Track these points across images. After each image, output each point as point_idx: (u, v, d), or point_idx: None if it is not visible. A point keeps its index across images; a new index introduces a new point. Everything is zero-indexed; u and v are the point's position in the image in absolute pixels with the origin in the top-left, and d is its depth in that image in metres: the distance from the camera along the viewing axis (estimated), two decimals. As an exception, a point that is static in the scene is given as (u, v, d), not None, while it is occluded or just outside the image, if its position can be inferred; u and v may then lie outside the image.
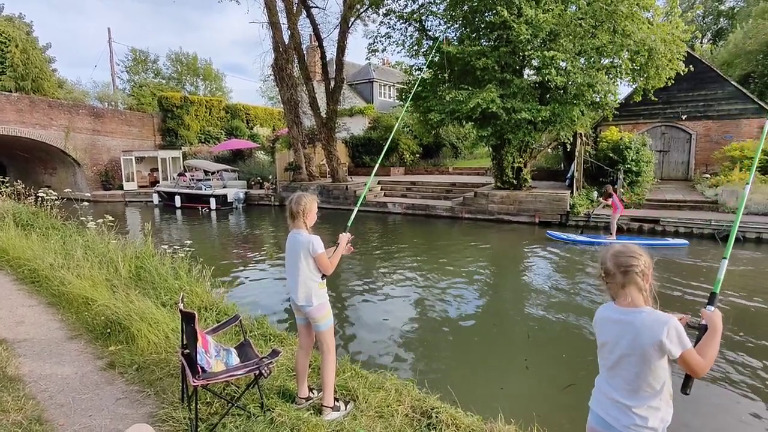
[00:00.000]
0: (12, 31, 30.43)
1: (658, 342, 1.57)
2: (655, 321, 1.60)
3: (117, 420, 2.89)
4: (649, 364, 1.60)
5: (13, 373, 3.49)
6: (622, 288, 1.69)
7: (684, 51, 12.84)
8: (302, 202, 2.87)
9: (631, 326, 1.64)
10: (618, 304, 1.72)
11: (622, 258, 1.67)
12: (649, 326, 1.60)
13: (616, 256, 1.69)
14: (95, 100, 35.32)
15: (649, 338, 1.59)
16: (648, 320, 1.61)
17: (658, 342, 1.57)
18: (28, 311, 4.95)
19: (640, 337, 1.61)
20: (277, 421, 2.69)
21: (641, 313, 1.64)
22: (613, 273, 1.69)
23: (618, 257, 1.68)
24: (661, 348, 1.57)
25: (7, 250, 7.06)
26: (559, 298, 6.94)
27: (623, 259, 1.67)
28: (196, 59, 42.20)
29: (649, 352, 1.59)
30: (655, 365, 1.60)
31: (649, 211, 12.56)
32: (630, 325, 1.64)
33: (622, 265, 1.66)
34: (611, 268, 1.69)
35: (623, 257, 1.67)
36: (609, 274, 1.71)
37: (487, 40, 13.28)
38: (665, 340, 1.56)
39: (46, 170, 26.08)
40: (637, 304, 1.66)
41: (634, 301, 1.67)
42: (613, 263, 1.69)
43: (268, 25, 17.82)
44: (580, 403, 4.03)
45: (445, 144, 25.98)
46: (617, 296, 1.72)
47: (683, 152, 17.32)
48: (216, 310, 4.67)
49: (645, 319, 1.62)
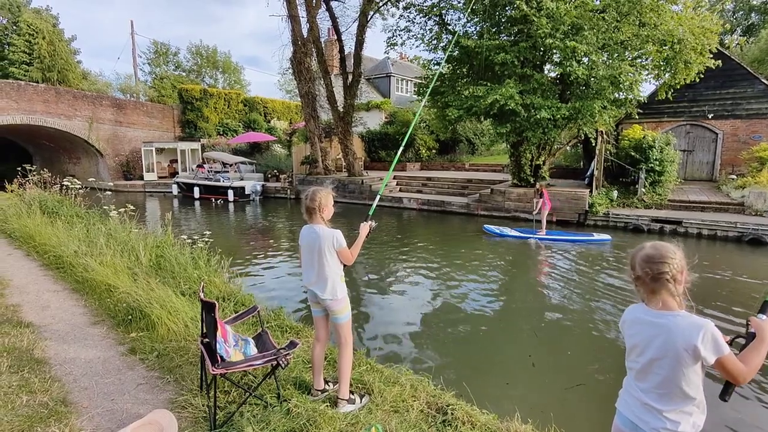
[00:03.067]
0: (39, 24, 31.25)
1: (692, 347, 1.51)
2: (690, 325, 1.53)
3: (138, 405, 2.96)
4: (682, 369, 1.55)
5: (40, 355, 3.60)
6: (653, 293, 1.62)
7: (715, 43, 12.43)
8: (317, 197, 2.86)
9: (664, 329, 1.58)
10: (649, 306, 1.65)
11: (652, 264, 1.59)
12: (683, 330, 1.53)
13: (646, 262, 1.61)
14: (118, 92, 36.08)
15: (683, 342, 1.53)
16: (683, 324, 1.55)
17: (692, 347, 1.51)
18: (53, 296, 5.10)
19: (673, 340, 1.55)
20: (293, 411, 2.71)
21: (676, 317, 1.57)
22: (642, 278, 1.62)
23: (648, 263, 1.60)
24: (695, 353, 1.51)
25: (33, 236, 7.28)
26: (572, 297, 6.84)
27: (653, 266, 1.59)
28: (215, 52, 42.68)
29: (683, 357, 1.53)
30: (687, 370, 1.54)
31: (671, 212, 12.26)
32: (663, 328, 1.58)
33: (652, 272, 1.59)
34: (640, 274, 1.62)
35: (653, 263, 1.59)
36: (639, 279, 1.64)
37: (508, 34, 13.07)
38: (700, 345, 1.49)
39: (71, 159, 26.79)
40: (670, 308, 1.60)
41: (666, 305, 1.60)
42: (642, 270, 1.61)
43: (287, 18, 17.89)
44: (593, 403, 4.02)
45: (462, 140, 25.79)
46: (648, 300, 1.66)
47: (708, 152, 16.83)
48: (234, 300, 4.74)
49: (680, 322, 1.55)
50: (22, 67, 30.75)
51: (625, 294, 6.79)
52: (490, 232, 11.52)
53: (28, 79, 28.02)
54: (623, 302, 6.43)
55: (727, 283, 7.44)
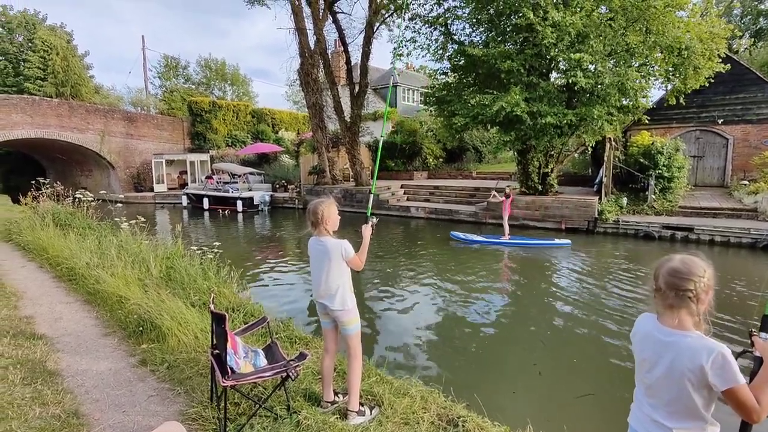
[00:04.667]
0: (54, 40, 32.02)
1: (698, 367, 1.41)
2: (701, 346, 1.44)
3: (149, 416, 2.97)
4: (689, 391, 1.46)
5: (53, 367, 3.64)
6: (670, 308, 1.52)
7: (723, 48, 12.36)
8: (319, 210, 2.87)
9: (673, 348, 1.50)
10: (662, 322, 1.56)
11: (677, 279, 1.49)
12: (692, 350, 1.44)
13: (671, 275, 1.50)
14: (129, 105, 36.72)
15: (689, 363, 1.43)
16: (693, 345, 1.45)
17: (698, 367, 1.41)
18: (65, 308, 5.16)
19: (680, 361, 1.46)
20: (303, 424, 2.70)
21: (687, 337, 1.48)
22: (664, 291, 1.51)
23: (673, 277, 1.50)
24: (702, 376, 1.41)
25: (47, 248, 7.39)
26: (580, 306, 6.75)
27: (678, 281, 1.48)
28: (224, 65, 43.35)
29: (689, 379, 1.44)
30: (695, 394, 1.45)
31: (682, 218, 12.11)
32: (672, 347, 1.50)
33: (676, 287, 1.48)
34: (663, 287, 1.52)
35: (678, 278, 1.48)
36: (660, 291, 1.53)
37: (513, 43, 13.12)
38: (708, 369, 1.39)
39: (83, 172, 27.24)
40: (685, 327, 1.50)
41: (682, 324, 1.50)
42: (666, 283, 1.51)
43: (294, 31, 18.15)
44: (604, 414, 3.95)
45: (469, 148, 25.78)
46: (663, 314, 1.56)
47: (719, 158, 16.64)
48: (243, 311, 4.75)
49: (690, 343, 1.46)
50: (37, 83, 31.48)
51: (631, 302, 6.70)
52: (456, 239, 11.76)
53: (43, 94, 28.67)
54: (630, 311, 6.34)
55: (742, 292, 7.30)
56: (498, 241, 11.31)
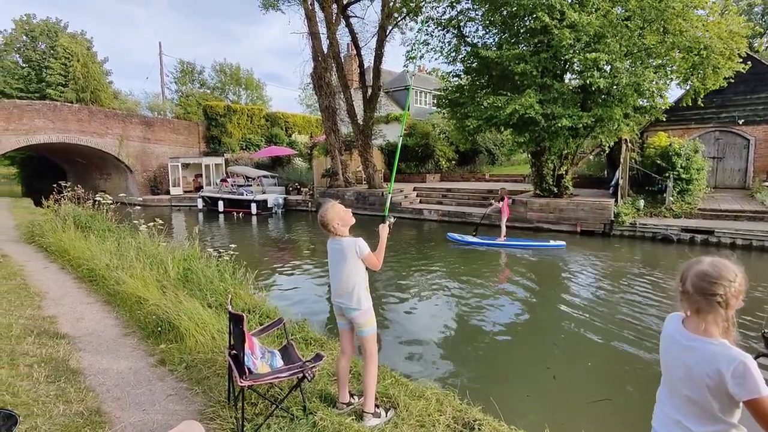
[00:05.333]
0: (75, 47, 32.89)
1: (717, 375, 1.37)
2: (723, 354, 1.40)
3: (168, 415, 3.02)
4: (709, 398, 1.42)
5: (75, 366, 3.73)
6: (696, 313, 1.48)
7: (744, 47, 12.09)
8: (324, 217, 2.90)
9: (693, 354, 1.46)
10: (687, 325, 1.53)
11: (706, 283, 1.43)
12: (712, 357, 1.41)
13: (700, 278, 1.45)
14: (146, 110, 37.49)
15: (709, 369, 1.39)
16: (714, 351, 1.42)
17: (717, 375, 1.37)
18: (87, 308, 5.28)
19: (699, 367, 1.43)
20: (319, 425, 2.72)
21: (711, 344, 1.44)
22: (692, 294, 1.46)
23: (702, 281, 1.44)
24: (721, 383, 1.36)
25: (68, 250, 7.58)
26: (595, 311, 6.64)
27: (707, 285, 1.43)
28: (239, 69, 43.99)
29: (707, 384, 1.40)
30: (717, 401, 1.41)
31: (701, 221, 11.84)
32: (693, 353, 1.47)
33: (704, 291, 1.43)
34: (690, 289, 1.47)
35: (707, 281, 1.43)
36: (687, 294, 1.48)
37: (527, 45, 13.03)
38: (727, 377, 1.35)
39: (102, 176, 27.85)
40: (710, 334, 1.45)
41: (708, 331, 1.46)
42: (694, 286, 1.46)
43: (308, 35, 18.32)
44: (620, 420, 3.88)
45: (482, 150, 25.66)
46: (689, 317, 1.53)
47: (740, 159, 16.25)
48: (259, 312, 4.80)
49: (713, 350, 1.42)
50: (58, 89, 32.35)
51: (647, 308, 6.57)
52: (453, 240, 11.78)
53: (64, 100, 29.47)
54: (645, 316, 6.23)
55: (759, 297, 7.10)
56: (494, 242, 11.36)
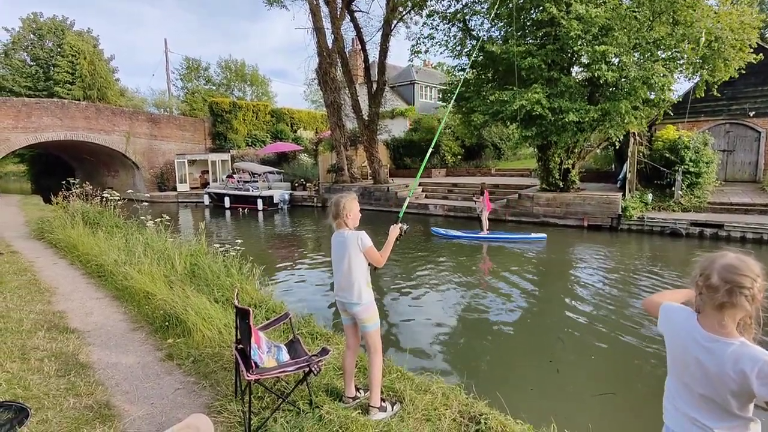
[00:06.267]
0: (81, 45, 33.07)
1: (742, 377, 1.33)
2: (745, 355, 1.35)
3: (176, 408, 3.05)
4: (728, 397, 1.38)
5: (85, 360, 3.77)
6: (718, 309, 1.41)
7: (756, 38, 11.88)
8: (342, 202, 2.92)
9: (713, 355, 1.41)
10: (703, 323, 1.46)
11: (733, 274, 1.37)
12: (735, 358, 1.36)
13: (727, 270, 1.38)
14: (152, 107, 37.69)
15: (732, 371, 1.35)
16: (737, 352, 1.37)
17: (742, 377, 1.33)
18: (95, 303, 5.34)
19: (720, 367, 1.39)
20: (325, 418, 2.73)
21: (730, 345, 1.38)
22: (717, 288, 1.39)
23: (729, 271, 1.38)
24: (745, 384, 1.33)
25: (77, 246, 7.66)
26: (600, 305, 6.61)
27: (734, 276, 1.37)
28: (244, 66, 44.01)
29: (729, 387, 1.37)
30: (735, 400, 1.38)
31: (711, 215, 11.71)
32: (713, 354, 1.41)
33: (731, 282, 1.36)
34: (716, 282, 1.39)
35: (735, 273, 1.37)
36: (711, 288, 1.41)
37: (534, 38, 12.90)
38: (752, 378, 1.31)
39: (109, 172, 28.09)
40: (729, 332, 1.40)
41: (726, 328, 1.40)
42: (720, 277, 1.39)
43: (312, 31, 18.28)
44: (625, 414, 3.86)
45: (488, 145, 25.51)
46: (706, 314, 1.45)
47: (750, 152, 16.01)
48: (265, 307, 4.82)
49: (734, 351, 1.37)
50: (66, 86, 32.58)
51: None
52: (437, 234, 11.97)
53: (71, 98, 29.67)
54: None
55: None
56: (477, 236, 11.50)
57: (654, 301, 1.74)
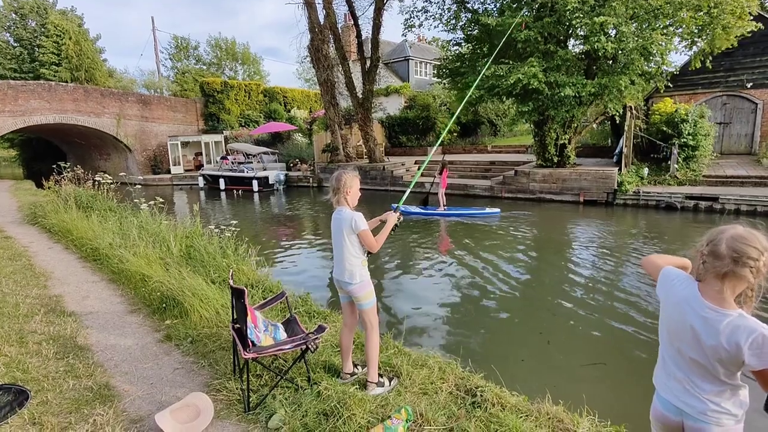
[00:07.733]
0: (66, 25, 32.07)
1: (735, 347, 1.37)
2: (741, 326, 1.38)
3: (176, 388, 3.08)
4: (718, 366, 1.44)
5: (83, 342, 3.79)
6: (720, 278, 1.42)
7: (756, 6, 11.65)
8: (342, 178, 2.89)
9: (709, 324, 1.44)
10: (703, 292, 1.47)
11: (741, 244, 1.38)
12: (731, 329, 1.39)
13: (736, 239, 1.39)
14: (142, 88, 36.93)
15: (726, 341, 1.39)
16: (733, 323, 1.39)
17: (735, 347, 1.37)
18: (92, 287, 5.33)
19: (715, 337, 1.42)
20: (324, 394, 2.76)
21: (727, 316, 1.41)
22: (723, 257, 1.40)
23: (737, 241, 1.39)
24: (737, 354, 1.37)
25: (71, 230, 7.60)
26: (594, 279, 6.68)
27: (742, 246, 1.38)
28: (234, 44, 42.99)
29: (720, 354, 1.41)
30: (726, 369, 1.43)
31: (706, 188, 11.74)
32: (709, 323, 1.44)
33: (738, 251, 1.37)
34: (723, 251, 1.40)
35: (743, 243, 1.38)
36: (717, 257, 1.41)
37: (530, 9, 12.60)
38: (744, 348, 1.35)
39: (101, 156, 27.70)
40: (727, 303, 1.42)
41: (724, 299, 1.42)
42: (728, 246, 1.39)
43: (303, 6, 17.79)
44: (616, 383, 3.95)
45: (484, 122, 25.27)
46: (707, 283, 1.46)
47: (747, 124, 15.93)
48: (262, 287, 4.83)
49: (730, 322, 1.40)
50: (52, 68, 31.75)
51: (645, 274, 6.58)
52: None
53: (58, 80, 28.98)
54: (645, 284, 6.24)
55: None
56: (435, 212, 11.78)
57: (655, 262, 1.73)
